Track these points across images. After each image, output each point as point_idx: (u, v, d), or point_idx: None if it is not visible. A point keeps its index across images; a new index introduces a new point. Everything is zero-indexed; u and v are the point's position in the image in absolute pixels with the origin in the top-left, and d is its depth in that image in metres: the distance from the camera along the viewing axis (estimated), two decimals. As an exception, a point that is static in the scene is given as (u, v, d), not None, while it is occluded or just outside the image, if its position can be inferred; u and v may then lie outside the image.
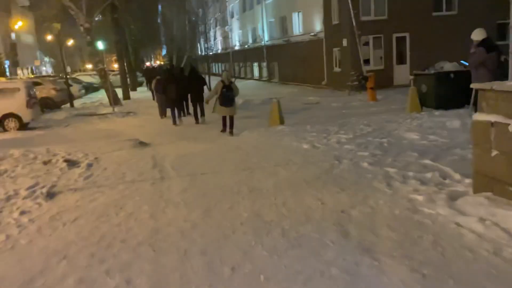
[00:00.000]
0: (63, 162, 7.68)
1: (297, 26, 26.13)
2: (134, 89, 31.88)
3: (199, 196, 5.24)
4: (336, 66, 20.85)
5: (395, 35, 19.09)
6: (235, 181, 5.86)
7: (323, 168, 6.33)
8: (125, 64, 26.59)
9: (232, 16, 42.32)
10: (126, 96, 24.32)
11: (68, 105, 21.30)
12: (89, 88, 33.51)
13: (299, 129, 10.20)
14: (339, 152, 7.44)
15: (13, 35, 64.97)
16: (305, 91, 22.39)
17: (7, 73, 60.18)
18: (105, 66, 19.19)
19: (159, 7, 45.33)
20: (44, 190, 5.74)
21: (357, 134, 8.92)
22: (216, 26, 44.78)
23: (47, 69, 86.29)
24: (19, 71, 64.63)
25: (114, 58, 35.90)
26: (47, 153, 8.89)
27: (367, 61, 18.98)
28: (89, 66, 37.95)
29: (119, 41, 25.67)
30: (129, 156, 8.35)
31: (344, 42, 19.32)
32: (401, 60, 19.39)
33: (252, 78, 36.82)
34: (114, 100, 18.90)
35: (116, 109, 18.53)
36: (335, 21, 20.32)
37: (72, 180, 6.47)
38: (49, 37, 63.33)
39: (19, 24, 58.93)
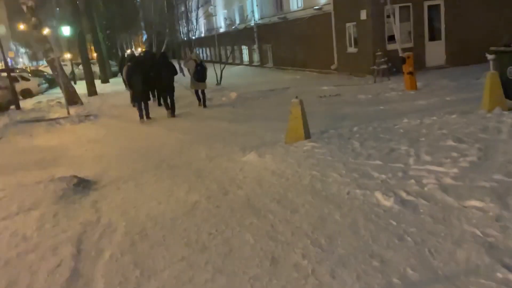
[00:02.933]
0: None
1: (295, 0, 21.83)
2: (105, 81, 27.50)
3: None
4: (350, 45, 16.71)
5: (426, 3, 14.96)
6: None
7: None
8: (87, 53, 22.11)
9: (215, -6, 37.65)
10: (92, 92, 19.95)
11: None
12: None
13: (342, 149, 6.14)
14: (474, 224, 3.43)
15: (-19, 26, 59.82)
16: (310, 78, 18.24)
17: (-24, 67, 55.24)
18: (58, 56, 14.85)
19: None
20: None
21: (462, 165, 4.87)
22: (198, 7, 40.17)
23: (23, 60, 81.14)
24: (-9, 64, 59.59)
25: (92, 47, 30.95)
26: None
27: (391, 38, 14.89)
28: (67, 56, 33.24)
29: (76, 25, 21.13)
30: (35, 235, 4.21)
31: (363, 15, 15.15)
32: (434, 36, 15.32)
33: (241, 63, 32.47)
34: (70, 100, 14.57)
35: (73, 110, 14.25)
36: (347, -11, 16.14)
37: None
38: (21, 27, 58.33)
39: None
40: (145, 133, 9.99)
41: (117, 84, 24.08)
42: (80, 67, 32.78)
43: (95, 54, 31.84)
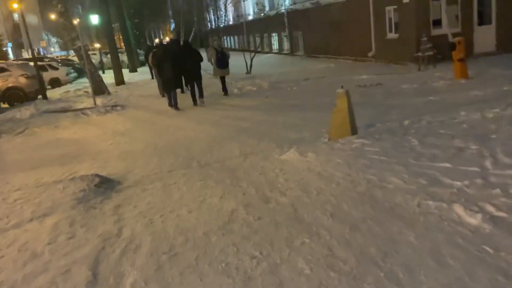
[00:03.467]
0: None
1: (329, -16, 20.71)
2: (133, 70, 27.15)
3: None
4: (390, 31, 15.62)
5: (476, -16, 13.78)
6: None
7: None
8: (114, 42, 21.73)
9: (244, -20, 36.65)
10: (119, 81, 19.57)
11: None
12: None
13: (398, 147, 5.31)
14: None
15: (15, 16, 60.55)
16: (346, 66, 17.25)
17: (11, 56, 56.12)
18: (85, 44, 14.43)
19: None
20: None
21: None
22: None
23: (55, 49, 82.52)
24: (24, 53, 60.49)
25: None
26: None
27: (437, 22, 13.78)
28: (96, 45, 33.41)
29: (104, 13, 20.72)
30: (46, 251, 3.59)
31: (405, -3, 14.06)
32: (483, 20, 14.09)
33: (270, 51, 31.55)
34: (96, 90, 14.14)
35: (100, 101, 13.80)
36: (388, -30, 15.02)
37: None
38: (52, 16, 58.90)
39: (17, 4, 54.34)
40: (173, 125, 9.38)
41: (145, 74, 23.68)
42: (108, 56, 32.75)
43: (123, 43, 31.65)
